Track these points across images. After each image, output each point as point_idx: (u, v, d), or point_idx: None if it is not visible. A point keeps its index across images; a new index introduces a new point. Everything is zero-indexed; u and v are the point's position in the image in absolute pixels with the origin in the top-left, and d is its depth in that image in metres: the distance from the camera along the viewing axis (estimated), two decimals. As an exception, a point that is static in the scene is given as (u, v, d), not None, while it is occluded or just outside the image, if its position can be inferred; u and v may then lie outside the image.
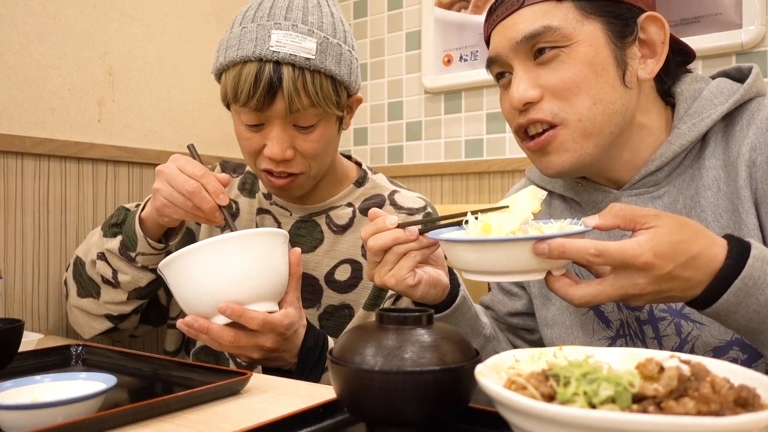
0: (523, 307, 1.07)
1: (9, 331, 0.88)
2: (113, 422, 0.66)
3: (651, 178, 0.88)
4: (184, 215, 0.97)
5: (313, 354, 0.95)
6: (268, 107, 1.00)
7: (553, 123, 0.84)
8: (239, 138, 1.09)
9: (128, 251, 1.06)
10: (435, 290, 0.85)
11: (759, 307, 0.67)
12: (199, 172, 0.95)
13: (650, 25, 0.85)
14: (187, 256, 0.86)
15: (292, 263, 0.94)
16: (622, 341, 0.93)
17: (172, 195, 0.95)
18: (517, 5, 0.85)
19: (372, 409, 0.59)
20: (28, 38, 1.37)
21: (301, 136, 1.05)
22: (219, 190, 0.95)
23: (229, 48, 1.03)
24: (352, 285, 1.15)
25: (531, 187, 0.77)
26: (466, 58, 1.92)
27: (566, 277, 0.71)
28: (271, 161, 1.05)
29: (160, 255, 1.05)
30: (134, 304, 1.14)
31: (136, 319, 1.19)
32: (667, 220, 0.66)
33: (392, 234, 0.79)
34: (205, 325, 0.87)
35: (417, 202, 1.19)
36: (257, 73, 0.99)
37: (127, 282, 1.09)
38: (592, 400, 0.46)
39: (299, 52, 0.99)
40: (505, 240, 0.68)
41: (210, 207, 0.94)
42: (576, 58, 0.82)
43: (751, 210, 0.81)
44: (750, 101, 0.86)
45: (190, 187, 0.93)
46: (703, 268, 0.66)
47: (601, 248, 0.65)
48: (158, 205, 0.97)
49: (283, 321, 0.89)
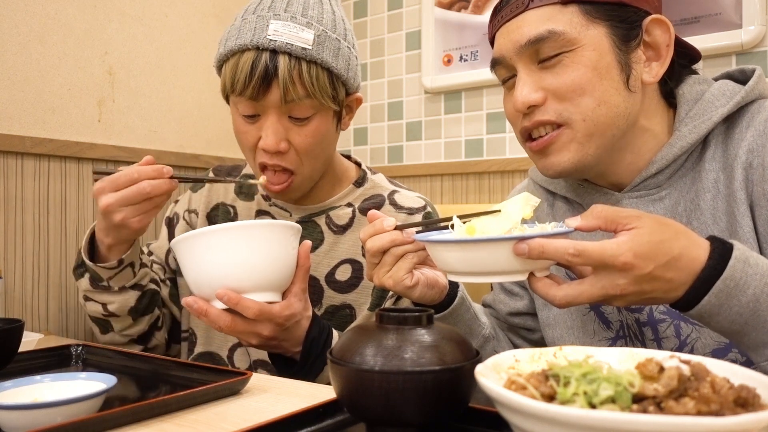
0: (524, 306, 1.07)
1: (9, 331, 0.88)
2: (113, 422, 0.66)
3: (652, 181, 0.88)
4: (155, 213, 0.99)
5: (317, 344, 0.95)
6: (263, 96, 1.01)
7: (558, 122, 0.84)
8: (237, 132, 1.10)
9: (100, 282, 1.08)
10: (433, 291, 0.85)
11: (741, 309, 0.67)
12: (132, 174, 0.95)
13: (655, 28, 0.85)
14: (195, 239, 0.87)
15: (301, 255, 0.94)
16: (622, 342, 0.93)
17: (136, 209, 0.95)
18: (522, 8, 0.85)
19: (372, 409, 0.59)
20: (28, 38, 1.37)
21: (296, 128, 1.05)
22: (158, 170, 0.96)
23: (228, 39, 1.05)
24: (353, 285, 1.15)
25: (524, 193, 0.77)
26: (466, 58, 1.92)
27: (548, 278, 0.71)
28: (265, 154, 1.06)
29: (124, 270, 1.07)
30: (144, 322, 1.15)
31: (160, 336, 1.21)
32: (647, 221, 0.66)
33: (390, 236, 0.79)
34: (203, 307, 0.89)
35: (417, 201, 1.20)
36: (254, 61, 1.00)
37: (118, 308, 1.10)
38: (592, 400, 0.46)
39: (296, 41, 1.00)
40: (486, 240, 0.68)
41: (169, 185, 0.96)
42: (580, 63, 0.82)
43: (747, 213, 0.80)
44: (751, 103, 0.86)
45: (145, 188, 0.94)
46: (684, 269, 0.66)
47: (580, 248, 0.65)
48: (135, 228, 0.97)
49: (282, 312, 0.89)
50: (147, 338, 1.18)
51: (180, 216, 1.27)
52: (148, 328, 1.17)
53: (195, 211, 1.27)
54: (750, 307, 0.67)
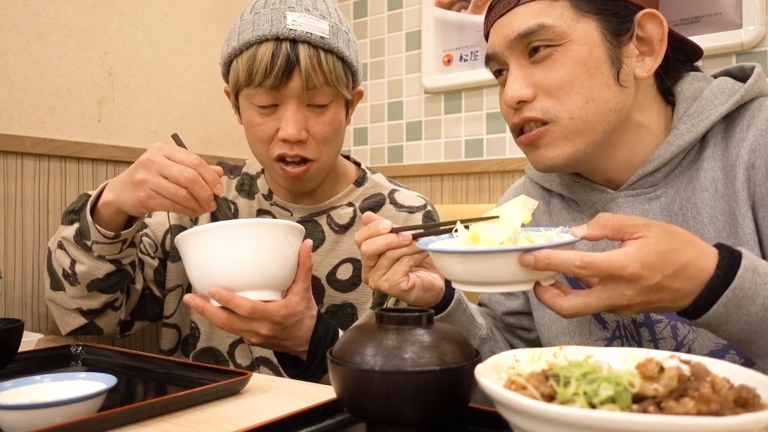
0: (519, 306, 1.07)
1: (9, 331, 0.88)
2: (113, 422, 0.66)
3: (648, 179, 0.88)
4: (171, 207, 0.95)
5: (323, 343, 0.96)
6: (284, 85, 1.02)
7: (544, 120, 0.84)
8: (250, 126, 1.08)
9: (84, 239, 1.03)
10: (429, 294, 0.85)
11: (750, 318, 0.67)
12: (195, 160, 0.93)
13: (648, 23, 0.85)
14: (193, 236, 0.88)
15: (302, 255, 0.94)
16: (618, 343, 0.93)
17: (161, 186, 0.92)
18: (513, 3, 0.85)
19: (372, 409, 0.59)
20: (28, 38, 1.37)
21: (314, 117, 1.06)
22: (216, 179, 0.95)
23: (242, 32, 1.05)
24: (354, 284, 1.15)
25: (522, 196, 0.77)
26: (466, 58, 1.92)
27: (555, 287, 0.71)
28: (285, 144, 1.06)
29: (115, 244, 1.03)
30: (99, 299, 1.09)
31: (114, 316, 1.15)
32: (655, 230, 0.65)
33: (385, 239, 0.79)
34: (200, 304, 0.89)
35: (417, 200, 1.20)
36: (274, 51, 1.01)
37: (84, 273, 1.05)
38: (592, 400, 0.46)
39: (314, 30, 1.03)
40: (492, 251, 0.67)
41: (207, 196, 0.94)
42: (569, 57, 0.82)
43: (748, 213, 0.80)
44: (751, 102, 0.85)
45: (189, 175, 0.91)
46: (692, 279, 0.65)
47: (586, 260, 0.64)
48: (142, 197, 0.94)
49: (279, 311, 0.89)
50: (95, 314, 1.12)
51: None
52: (100, 307, 1.11)
53: None
54: (759, 317, 0.67)
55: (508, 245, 0.70)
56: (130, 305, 1.20)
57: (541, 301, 0.71)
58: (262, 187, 1.24)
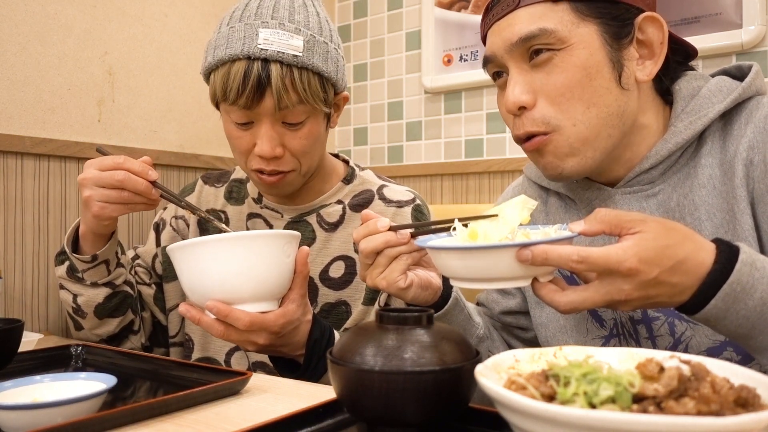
0: (516, 305, 1.07)
1: (9, 331, 0.88)
2: (113, 422, 0.66)
3: (645, 176, 0.88)
4: (123, 209, 0.99)
5: (320, 345, 0.96)
6: (257, 105, 1.01)
7: (546, 132, 0.84)
8: (229, 137, 1.10)
9: (75, 272, 1.09)
10: (427, 292, 0.84)
11: (748, 313, 0.67)
12: (119, 159, 0.97)
13: (648, 26, 0.84)
14: (187, 249, 0.87)
15: (299, 262, 0.94)
16: (616, 341, 0.93)
17: (103, 195, 0.97)
18: (513, 5, 0.85)
19: (372, 409, 0.59)
20: (28, 38, 1.37)
21: (290, 133, 1.06)
22: (144, 168, 0.97)
23: (217, 47, 1.05)
24: (347, 281, 1.15)
25: (522, 196, 0.76)
26: (466, 58, 1.92)
27: (552, 283, 0.71)
28: (262, 160, 1.06)
29: (98, 266, 1.08)
30: (112, 323, 1.15)
31: (135, 339, 1.20)
32: (653, 225, 0.65)
33: (384, 237, 0.78)
34: (196, 316, 0.89)
35: (405, 195, 1.20)
36: (246, 71, 1.00)
37: (85, 302, 1.11)
38: (592, 400, 0.46)
39: (287, 49, 1.01)
40: (490, 247, 0.67)
41: (145, 186, 0.97)
42: (570, 62, 0.82)
43: (747, 210, 0.80)
44: (749, 100, 0.85)
45: (120, 176, 0.95)
46: (690, 273, 0.65)
47: (583, 254, 0.64)
48: (95, 212, 0.98)
49: (277, 321, 0.89)
50: (118, 340, 1.18)
51: (167, 222, 1.28)
52: (118, 331, 1.16)
53: (183, 218, 1.27)
54: (757, 311, 0.67)
55: (506, 241, 0.70)
56: (147, 330, 1.25)
57: (538, 297, 0.71)
58: (251, 190, 1.25)
